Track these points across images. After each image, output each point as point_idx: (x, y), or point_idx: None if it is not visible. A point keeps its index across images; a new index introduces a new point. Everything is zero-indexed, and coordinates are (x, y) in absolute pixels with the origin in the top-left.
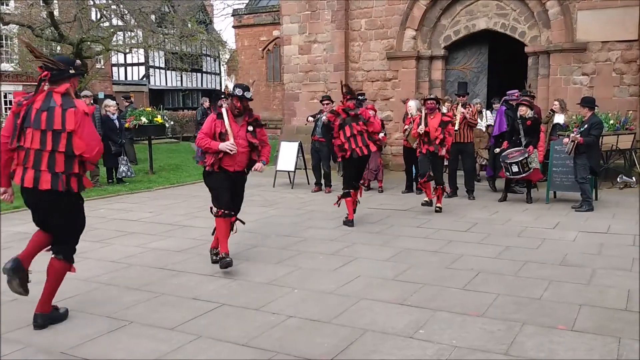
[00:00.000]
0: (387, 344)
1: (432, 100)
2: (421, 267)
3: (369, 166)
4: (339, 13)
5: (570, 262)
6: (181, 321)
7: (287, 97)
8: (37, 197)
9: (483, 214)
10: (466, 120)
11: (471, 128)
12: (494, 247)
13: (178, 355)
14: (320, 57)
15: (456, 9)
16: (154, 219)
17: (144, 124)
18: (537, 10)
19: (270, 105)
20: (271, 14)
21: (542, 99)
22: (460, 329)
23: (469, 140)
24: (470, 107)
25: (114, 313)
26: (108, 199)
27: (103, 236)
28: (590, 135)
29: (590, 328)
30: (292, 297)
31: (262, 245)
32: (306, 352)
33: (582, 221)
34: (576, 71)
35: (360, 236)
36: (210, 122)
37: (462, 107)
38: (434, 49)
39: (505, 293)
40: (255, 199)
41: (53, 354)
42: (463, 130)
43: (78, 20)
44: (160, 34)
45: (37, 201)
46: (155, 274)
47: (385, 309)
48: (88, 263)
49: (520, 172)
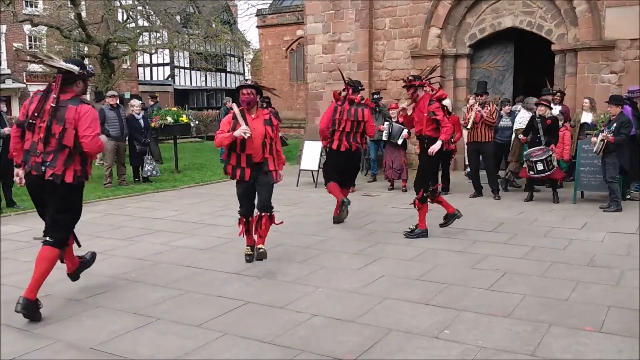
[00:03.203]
0: (412, 344)
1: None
2: (446, 267)
3: (392, 165)
4: (363, 12)
5: (598, 263)
6: (207, 318)
7: (310, 96)
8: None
9: (509, 214)
10: (484, 120)
11: (490, 127)
12: (520, 247)
13: (204, 352)
14: (344, 56)
15: (481, 7)
16: (179, 218)
17: (169, 124)
18: (564, 8)
19: (293, 105)
20: (295, 13)
21: (569, 98)
22: (486, 330)
23: (488, 140)
24: (489, 107)
25: (141, 310)
26: (134, 198)
27: (130, 234)
28: (620, 134)
29: (618, 330)
30: (316, 295)
31: (286, 244)
32: (330, 350)
33: (611, 221)
34: (604, 69)
35: (384, 235)
36: (225, 120)
37: (481, 106)
38: (458, 48)
39: (531, 294)
40: (279, 197)
41: (82, 350)
42: (481, 130)
43: (105, 21)
44: (185, 35)
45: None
46: (181, 271)
47: (409, 309)
48: (115, 260)
49: (546, 170)
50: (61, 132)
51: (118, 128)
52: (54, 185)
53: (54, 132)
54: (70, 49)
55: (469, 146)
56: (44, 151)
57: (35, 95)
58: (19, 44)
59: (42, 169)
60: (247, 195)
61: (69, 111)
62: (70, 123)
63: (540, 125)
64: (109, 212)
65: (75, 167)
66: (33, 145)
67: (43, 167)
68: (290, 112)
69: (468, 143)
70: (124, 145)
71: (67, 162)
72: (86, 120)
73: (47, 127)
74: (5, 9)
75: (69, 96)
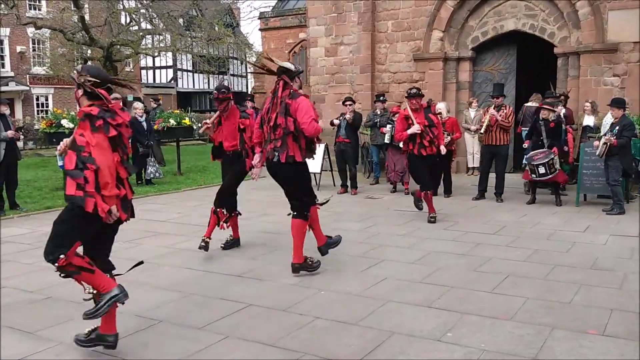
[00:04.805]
0: (415, 347)
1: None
2: (449, 270)
3: (395, 167)
4: (366, 15)
5: (601, 266)
6: (209, 321)
7: (313, 99)
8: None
9: (511, 217)
10: (499, 123)
11: (505, 131)
12: (523, 250)
13: (206, 354)
14: (346, 59)
15: (484, 10)
16: (182, 220)
17: (172, 126)
18: (567, 11)
19: None
20: (297, 16)
21: (572, 101)
22: (489, 333)
23: (503, 143)
24: (504, 109)
25: (144, 312)
26: (137, 200)
27: (132, 236)
28: (623, 136)
29: (622, 333)
30: (319, 298)
31: (289, 246)
32: (333, 353)
33: (614, 224)
34: (607, 72)
35: (387, 238)
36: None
37: (497, 109)
38: (461, 50)
39: (534, 297)
40: (280, 200)
41: (84, 352)
42: (496, 133)
43: (108, 24)
44: (188, 37)
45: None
46: (183, 274)
47: (412, 312)
48: (117, 263)
49: (547, 174)
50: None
51: None
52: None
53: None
54: (74, 51)
55: (483, 149)
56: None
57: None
58: (22, 46)
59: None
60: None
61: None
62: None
63: (543, 128)
64: None
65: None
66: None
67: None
68: None
69: (483, 146)
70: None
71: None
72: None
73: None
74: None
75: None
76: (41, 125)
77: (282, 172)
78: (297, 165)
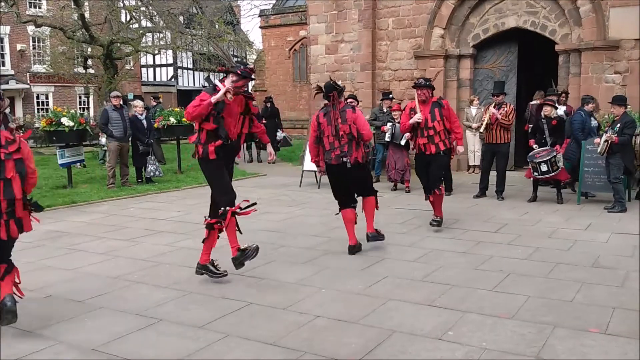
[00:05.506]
0: (416, 345)
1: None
2: (450, 268)
3: (395, 166)
4: (366, 12)
5: (602, 264)
6: (209, 319)
7: (313, 97)
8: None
9: (513, 215)
10: (499, 121)
11: (506, 129)
12: (524, 248)
13: (207, 353)
14: (347, 56)
15: (485, 7)
16: (182, 218)
17: (172, 124)
18: (568, 8)
19: (296, 105)
20: (298, 14)
21: (573, 98)
22: (490, 331)
23: (503, 141)
24: (505, 107)
25: (144, 311)
26: (137, 198)
27: (133, 235)
28: (624, 134)
29: (623, 332)
30: (319, 297)
31: (290, 245)
32: (334, 352)
33: (615, 222)
34: (608, 69)
35: (388, 237)
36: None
37: (497, 107)
38: (462, 48)
39: (535, 295)
40: (282, 198)
41: (84, 351)
42: (497, 131)
43: (108, 22)
44: (189, 35)
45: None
46: (183, 272)
47: (413, 310)
48: (118, 261)
49: (550, 171)
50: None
51: (121, 129)
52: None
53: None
54: (74, 49)
55: (484, 147)
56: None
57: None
58: (22, 45)
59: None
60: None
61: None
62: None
63: (545, 126)
64: (112, 213)
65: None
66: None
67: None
68: (293, 112)
69: (484, 144)
70: (127, 146)
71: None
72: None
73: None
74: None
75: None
76: (41, 123)
77: (351, 173)
78: (361, 166)
